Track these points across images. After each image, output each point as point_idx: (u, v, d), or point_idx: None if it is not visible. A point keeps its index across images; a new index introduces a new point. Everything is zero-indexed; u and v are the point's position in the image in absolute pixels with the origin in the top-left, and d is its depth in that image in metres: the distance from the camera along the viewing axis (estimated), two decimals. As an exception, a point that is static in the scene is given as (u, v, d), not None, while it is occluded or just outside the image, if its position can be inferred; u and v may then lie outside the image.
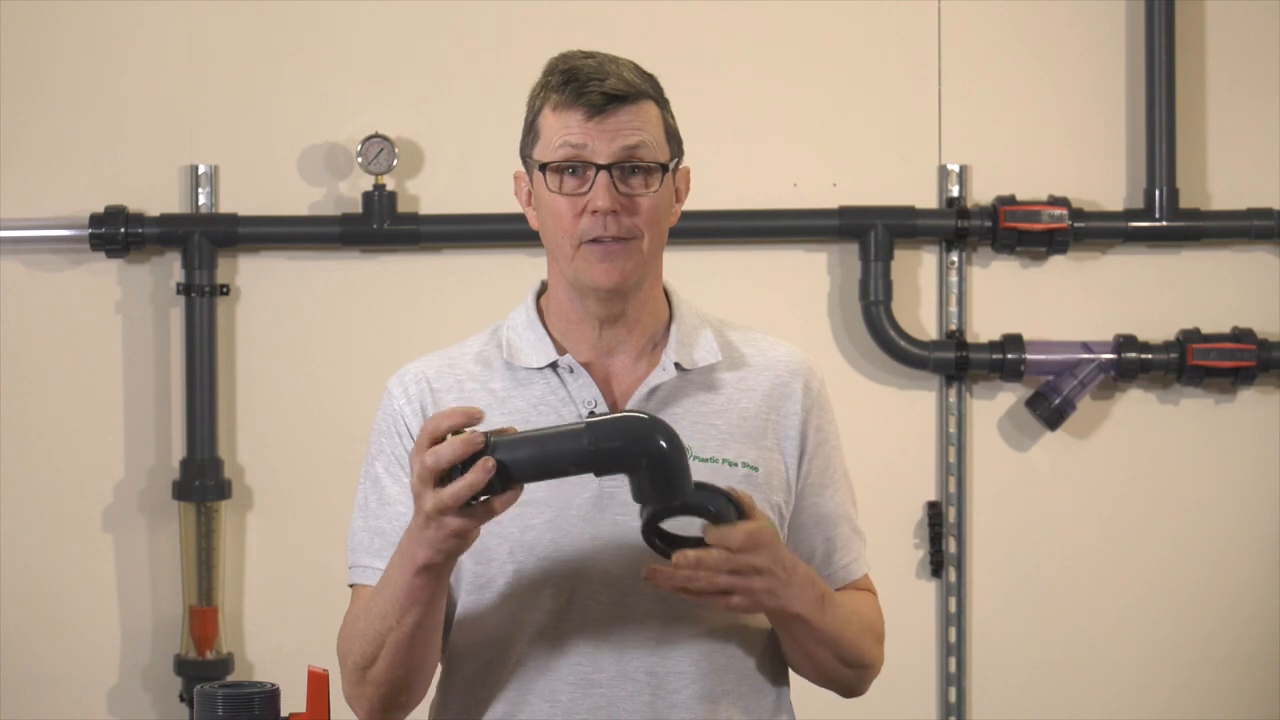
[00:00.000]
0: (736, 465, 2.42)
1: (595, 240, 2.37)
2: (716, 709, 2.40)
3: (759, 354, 2.50)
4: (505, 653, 2.39)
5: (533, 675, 2.38)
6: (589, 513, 2.37)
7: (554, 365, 2.43)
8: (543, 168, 2.39)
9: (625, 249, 2.38)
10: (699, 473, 2.29)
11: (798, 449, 2.47)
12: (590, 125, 2.36)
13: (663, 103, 2.43)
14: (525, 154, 2.44)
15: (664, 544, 2.25)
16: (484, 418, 2.19)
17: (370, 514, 2.46)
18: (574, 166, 2.37)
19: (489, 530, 2.30)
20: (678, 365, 2.44)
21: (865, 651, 2.44)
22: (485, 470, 2.16)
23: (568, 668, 2.37)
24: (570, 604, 2.37)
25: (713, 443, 2.42)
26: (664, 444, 2.19)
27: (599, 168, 2.36)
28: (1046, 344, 4.24)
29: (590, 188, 2.36)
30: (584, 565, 2.37)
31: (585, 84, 2.36)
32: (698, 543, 2.25)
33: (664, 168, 2.39)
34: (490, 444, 2.17)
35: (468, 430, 2.18)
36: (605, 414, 2.25)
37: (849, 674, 2.45)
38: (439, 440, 2.17)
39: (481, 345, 2.49)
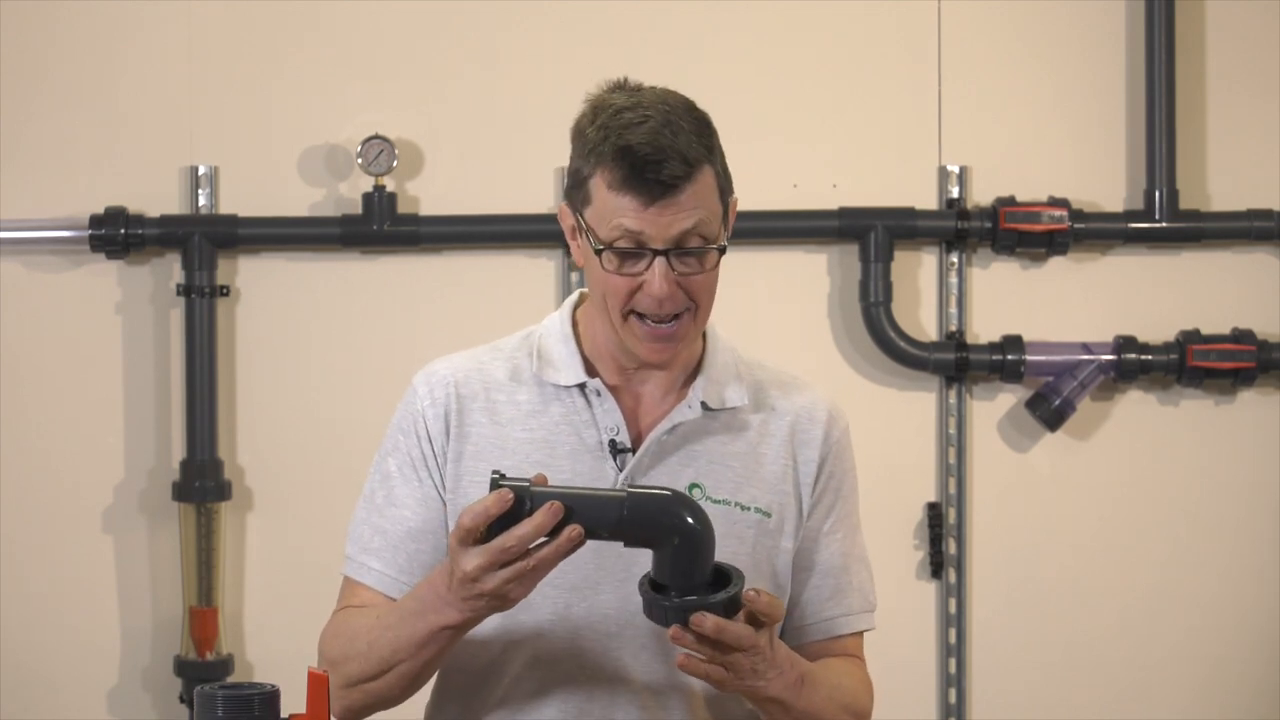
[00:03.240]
0: (749, 510, 2.40)
1: (648, 317, 2.33)
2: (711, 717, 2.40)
3: (784, 397, 2.47)
4: (500, 666, 2.39)
5: (526, 690, 2.38)
6: (602, 543, 2.32)
7: (582, 386, 2.40)
8: (598, 250, 2.32)
9: (675, 329, 2.34)
10: (710, 514, 2.27)
11: (812, 496, 2.45)
12: (648, 213, 2.29)
13: (715, 157, 2.37)
14: (574, 208, 2.36)
15: (675, 610, 2.20)
16: (511, 500, 2.15)
17: (375, 509, 2.45)
18: (630, 250, 2.31)
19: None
20: (704, 404, 2.41)
21: None
22: (553, 513, 2.14)
23: (561, 682, 2.37)
24: (564, 618, 2.36)
25: (727, 485, 2.40)
26: (697, 526, 2.18)
27: (655, 253, 2.30)
28: (1046, 345, 4.24)
29: (646, 268, 2.31)
30: (579, 580, 2.36)
31: (643, 170, 2.28)
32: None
33: (720, 249, 2.35)
34: (530, 492, 2.16)
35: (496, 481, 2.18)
36: (645, 487, 2.21)
37: None
38: (476, 535, 2.16)
39: (513, 351, 2.46)
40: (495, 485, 2.17)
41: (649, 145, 2.29)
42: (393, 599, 2.39)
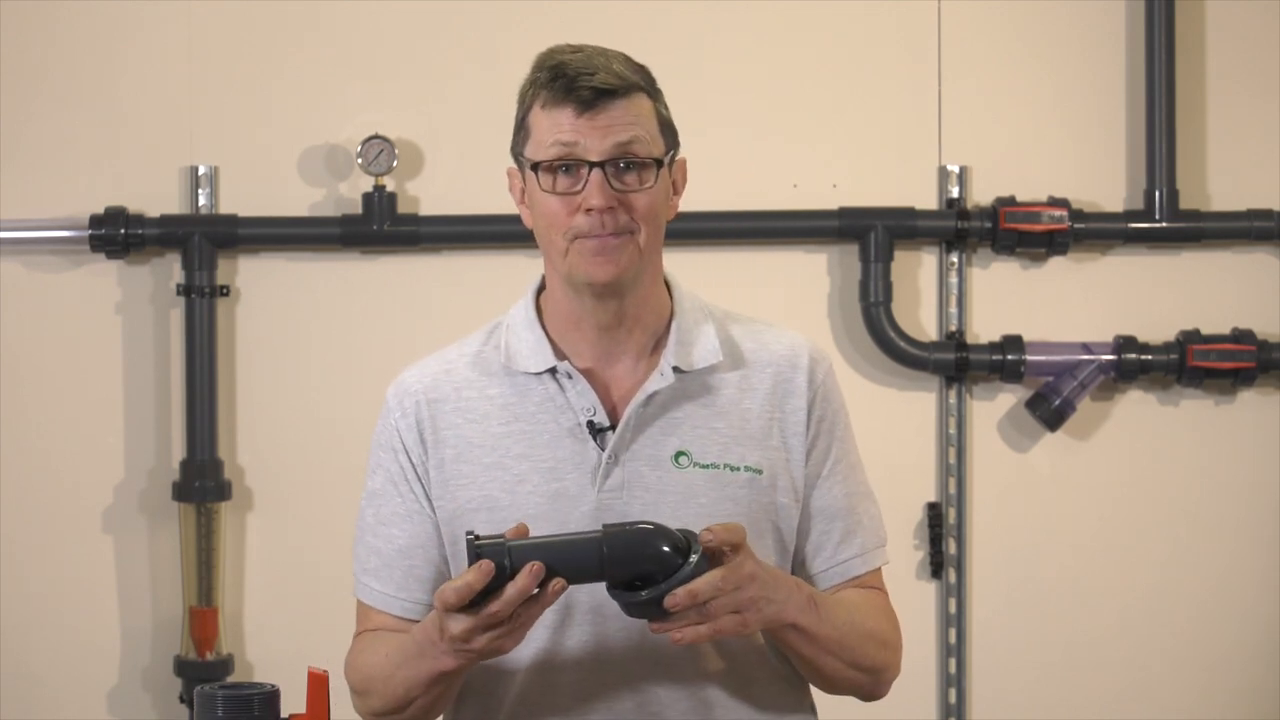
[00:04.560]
0: (739, 470, 2.38)
1: (590, 236, 2.32)
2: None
3: (761, 349, 2.44)
4: (511, 670, 2.38)
5: (539, 692, 2.37)
6: (588, 525, 2.32)
7: (553, 370, 2.39)
8: (535, 167, 2.34)
9: (620, 243, 2.32)
10: (699, 480, 2.27)
11: (804, 444, 2.42)
12: (581, 122, 2.31)
13: (655, 94, 2.38)
14: (516, 152, 2.40)
15: (651, 602, 2.20)
16: (493, 571, 2.15)
17: (368, 529, 2.45)
18: (566, 165, 2.32)
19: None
20: (676, 369, 2.39)
21: (870, 655, 2.38)
22: (534, 574, 2.14)
23: (571, 685, 2.36)
24: (570, 620, 2.35)
25: (714, 448, 2.38)
26: (679, 558, 2.17)
27: (592, 165, 2.31)
28: (1046, 345, 4.24)
29: (584, 186, 2.31)
30: None
31: (574, 80, 2.31)
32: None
33: (658, 163, 2.34)
34: (508, 551, 2.15)
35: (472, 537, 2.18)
36: (621, 525, 2.20)
37: (861, 678, 2.39)
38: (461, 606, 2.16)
39: (479, 347, 2.45)
40: (471, 546, 2.16)
41: (581, 62, 2.33)
42: (397, 617, 2.40)
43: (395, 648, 2.34)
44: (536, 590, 2.16)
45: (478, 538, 2.17)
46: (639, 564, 2.17)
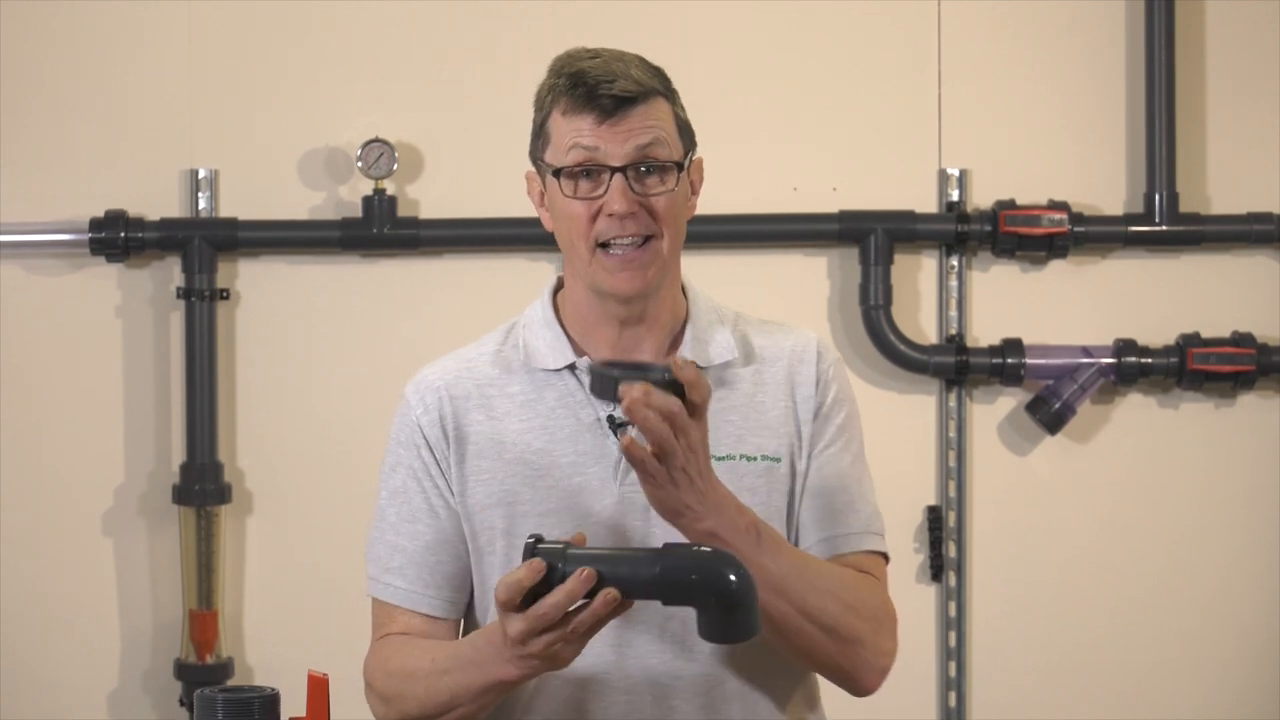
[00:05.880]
0: (756, 459, 2.40)
1: (612, 243, 2.34)
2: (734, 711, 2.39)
3: (772, 345, 2.48)
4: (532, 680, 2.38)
5: (559, 684, 2.37)
6: (610, 520, 2.35)
7: (571, 367, 2.41)
8: (556, 173, 2.36)
9: (643, 254, 2.36)
10: (717, 471, 2.26)
11: (811, 427, 2.45)
12: (602, 129, 2.33)
13: (672, 96, 2.40)
14: (536, 157, 2.42)
15: (612, 381, 2.21)
16: (543, 570, 2.13)
17: (389, 527, 2.44)
18: (588, 170, 2.35)
19: (511, 544, 2.32)
20: (694, 365, 2.39)
21: (831, 613, 2.31)
22: (584, 580, 2.11)
23: (591, 675, 2.36)
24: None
25: (728, 440, 2.40)
26: (735, 583, 2.15)
27: (613, 170, 2.34)
28: (1046, 348, 4.24)
29: (605, 190, 2.34)
30: None
31: (594, 88, 2.33)
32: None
33: (679, 166, 2.37)
34: (565, 556, 2.15)
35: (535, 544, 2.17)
36: (679, 546, 2.18)
37: (827, 643, 2.32)
38: (514, 604, 2.14)
39: (498, 345, 2.47)
40: (530, 550, 2.16)
41: (600, 69, 2.35)
42: (425, 615, 2.41)
43: (447, 654, 2.33)
44: (587, 599, 2.14)
45: (539, 539, 2.17)
46: (692, 588, 2.15)
